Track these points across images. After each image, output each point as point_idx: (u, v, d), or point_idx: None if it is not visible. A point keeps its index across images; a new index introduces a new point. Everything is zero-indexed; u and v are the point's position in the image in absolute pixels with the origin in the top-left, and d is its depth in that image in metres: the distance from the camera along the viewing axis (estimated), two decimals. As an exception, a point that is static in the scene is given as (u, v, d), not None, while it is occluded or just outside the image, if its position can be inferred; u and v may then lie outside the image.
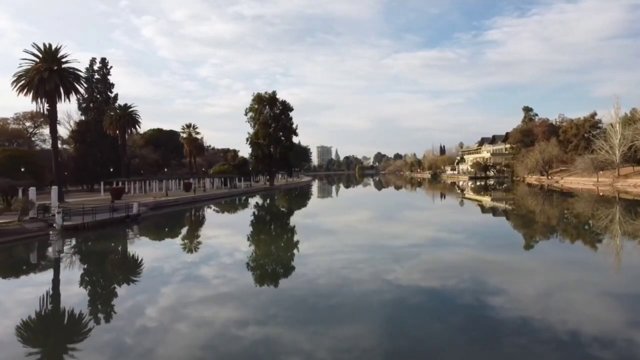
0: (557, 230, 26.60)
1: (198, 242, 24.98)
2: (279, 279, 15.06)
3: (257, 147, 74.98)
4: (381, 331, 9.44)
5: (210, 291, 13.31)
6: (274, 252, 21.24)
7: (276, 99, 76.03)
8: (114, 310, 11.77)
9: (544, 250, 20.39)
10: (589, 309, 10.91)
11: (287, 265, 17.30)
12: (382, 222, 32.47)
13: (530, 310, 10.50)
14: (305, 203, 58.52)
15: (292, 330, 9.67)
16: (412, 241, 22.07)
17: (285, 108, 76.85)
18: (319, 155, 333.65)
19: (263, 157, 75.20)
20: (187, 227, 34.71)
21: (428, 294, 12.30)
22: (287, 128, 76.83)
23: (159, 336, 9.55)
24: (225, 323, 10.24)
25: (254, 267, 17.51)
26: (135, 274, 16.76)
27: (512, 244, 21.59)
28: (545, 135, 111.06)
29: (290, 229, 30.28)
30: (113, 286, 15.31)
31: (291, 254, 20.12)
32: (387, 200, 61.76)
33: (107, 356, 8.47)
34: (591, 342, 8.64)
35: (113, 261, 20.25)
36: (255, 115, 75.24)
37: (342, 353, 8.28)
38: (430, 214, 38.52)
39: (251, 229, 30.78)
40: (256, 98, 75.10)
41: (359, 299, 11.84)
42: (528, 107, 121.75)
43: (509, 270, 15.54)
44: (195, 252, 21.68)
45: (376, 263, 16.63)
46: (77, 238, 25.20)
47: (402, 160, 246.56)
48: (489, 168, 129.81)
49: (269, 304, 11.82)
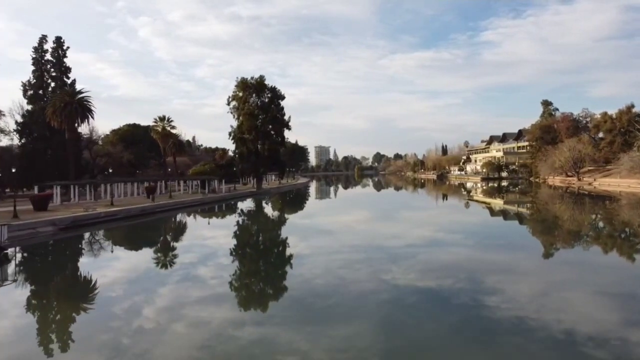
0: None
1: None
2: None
3: (242, 142, 60.95)
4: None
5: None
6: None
7: (264, 85, 61.94)
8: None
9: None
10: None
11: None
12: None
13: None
14: (300, 216, 44.56)
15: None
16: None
17: (275, 96, 62.69)
18: (317, 156, 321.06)
19: (249, 154, 61.12)
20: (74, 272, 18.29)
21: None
22: (278, 120, 62.65)
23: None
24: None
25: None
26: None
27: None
28: (568, 131, 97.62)
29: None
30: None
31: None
32: (401, 212, 47.97)
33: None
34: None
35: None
36: (239, 104, 61.21)
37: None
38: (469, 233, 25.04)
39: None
40: (240, 84, 61.02)
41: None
42: (547, 101, 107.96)
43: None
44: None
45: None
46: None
47: (403, 160, 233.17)
48: (503, 168, 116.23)
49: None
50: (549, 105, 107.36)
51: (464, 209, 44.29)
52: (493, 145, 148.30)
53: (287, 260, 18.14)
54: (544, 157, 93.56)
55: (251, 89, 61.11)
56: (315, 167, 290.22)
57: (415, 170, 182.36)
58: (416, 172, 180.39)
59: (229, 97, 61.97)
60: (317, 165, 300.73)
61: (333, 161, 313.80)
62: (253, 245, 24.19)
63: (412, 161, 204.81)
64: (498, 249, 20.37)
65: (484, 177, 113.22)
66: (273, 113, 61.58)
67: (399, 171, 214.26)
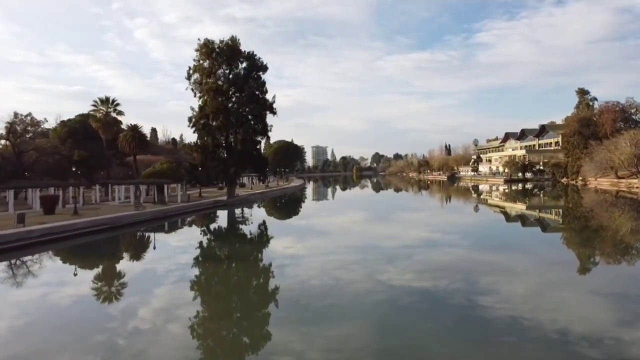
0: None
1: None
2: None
3: (205, 131, 41.75)
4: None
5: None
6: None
7: (239, 50, 42.42)
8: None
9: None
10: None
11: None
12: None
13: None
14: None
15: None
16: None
17: (254, 66, 43.08)
18: (314, 156, 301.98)
19: (214, 148, 42.24)
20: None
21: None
22: (258, 100, 42.89)
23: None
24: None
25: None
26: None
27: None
28: (615, 124, 79.02)
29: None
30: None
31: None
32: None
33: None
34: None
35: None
36: (202, 78, 42.15)
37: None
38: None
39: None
40: (203, 49, 41.62)
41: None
42: (583, 89, 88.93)
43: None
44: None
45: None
46: None
47: (404, 161, 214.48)
48: (528, 168, 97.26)
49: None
50: (586, 94, 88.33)
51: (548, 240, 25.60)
52: (509, 143, 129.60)
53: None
54: (589, 154, 75.08)
55: (220, 56, 41.78)
56: (312, 167, 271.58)
57: (421, 171, 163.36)
58: (421, 173, 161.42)
59: (189, 69, 42.55)
60: (314, 165, 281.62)
61: (331, 161, 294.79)
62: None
63: (415, 161, 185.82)
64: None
65: (507, 179, 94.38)
66: (251, 90, 42.21)
67: (400, 172, 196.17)
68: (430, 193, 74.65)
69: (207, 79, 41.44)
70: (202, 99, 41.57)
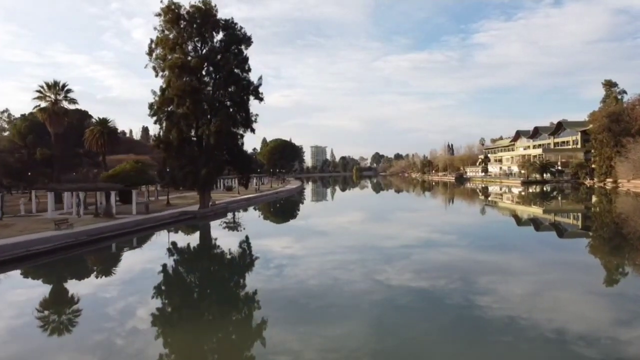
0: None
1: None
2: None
3: (169, 121, 31.62)
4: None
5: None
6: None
7: (214, 17, 32.23)
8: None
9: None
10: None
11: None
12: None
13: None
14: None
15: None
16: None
17: (233, 38, 32.51)
18: (313, 156, 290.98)
19: (180, 143, 32.09)
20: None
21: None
22: (238, 81, 32.91)
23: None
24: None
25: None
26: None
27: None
28: (648, 118, 68.97)
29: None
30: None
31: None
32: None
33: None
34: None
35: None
36: (165, 52, 31.95)
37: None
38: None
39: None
40: (167, 13, 31.54)
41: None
42: (611, 82, 78.58)
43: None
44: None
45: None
46: None
47: (406, 161, 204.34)
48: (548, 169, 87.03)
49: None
50: (613, 86, 78.14)
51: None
52: (520, 142, 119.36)
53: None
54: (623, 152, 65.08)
55: (188, 24, 31.51)
56: (311, 168, 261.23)
57: (425, 172, 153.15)
58: (425, 174, 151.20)
59: (151, 42, 32.23)
60: (313, 166, 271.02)
61: (330, 162, 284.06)
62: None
63: (418, 161, 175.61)
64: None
65: (524, 181, 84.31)
66: (229, 67, 31.91)
67: (402, 172, 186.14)
68: (448, 199, 64.39)
69: (171, 53, 31.15)
70: (164, 78, 31.26)
